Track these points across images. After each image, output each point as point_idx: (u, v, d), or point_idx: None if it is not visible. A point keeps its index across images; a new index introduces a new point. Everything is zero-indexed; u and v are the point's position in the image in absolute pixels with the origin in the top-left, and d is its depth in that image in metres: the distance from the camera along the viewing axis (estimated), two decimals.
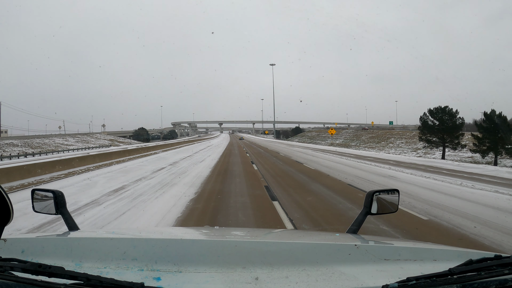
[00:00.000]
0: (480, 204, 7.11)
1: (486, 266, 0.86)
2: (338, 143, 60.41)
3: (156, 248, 1.07)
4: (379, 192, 1.58)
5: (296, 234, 2.34)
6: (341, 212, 6.59)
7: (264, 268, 0.99)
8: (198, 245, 1.14)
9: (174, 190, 9.21)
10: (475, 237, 4.82)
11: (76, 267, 1.00)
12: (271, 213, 6.48)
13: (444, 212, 6.41)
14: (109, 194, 8.63)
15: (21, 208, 5.85)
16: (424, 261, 1.06)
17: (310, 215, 6.31)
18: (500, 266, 0.86)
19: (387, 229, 5.19)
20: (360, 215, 1.60)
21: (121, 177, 12.07)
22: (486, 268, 0.86)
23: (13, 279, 0.81)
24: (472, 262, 0.89)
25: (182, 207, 6.99)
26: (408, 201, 7.34)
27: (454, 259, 1.02)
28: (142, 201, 7.68)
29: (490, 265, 0.86)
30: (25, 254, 1.06)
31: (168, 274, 0.97)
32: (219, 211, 6.70)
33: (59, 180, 11.67)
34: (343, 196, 8.26)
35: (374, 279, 0.94)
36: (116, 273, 0.97)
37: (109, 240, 1.19)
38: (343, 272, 0.99)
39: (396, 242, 1.56)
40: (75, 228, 1.57)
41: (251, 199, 7.99)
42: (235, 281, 0.93)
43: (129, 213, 6.41)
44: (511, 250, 4.28)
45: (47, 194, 1.60)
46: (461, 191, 8.93)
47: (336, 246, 1.15)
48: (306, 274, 0.97)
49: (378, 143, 58.75)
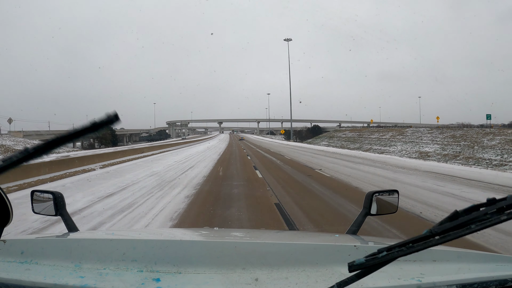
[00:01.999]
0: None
1: (476, 216, 0.65)
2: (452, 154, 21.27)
3: (155, 249, 1.07)
4: (378, 193, 1.58)
5: (295, 235, 2.34)
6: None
7: (263, 269, 0.99)
8: (197, 246, 1.14)
9: None
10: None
11: (76, 268, 1.00)
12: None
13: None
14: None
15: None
16: (423, 261, 1.06)
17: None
18: (496, 213, 0.65)
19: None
20: (359, 216, 1.60)
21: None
22: (476, 219, 0.65)
23: None
24: (458, 214, 0.68)
25: None
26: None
27: (454, 260, 1.02)
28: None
29: (482, 214, 0.66)
30: (24, 255, 1.05)
31: (167, 275, 0.97)
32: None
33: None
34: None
35: (374, 280, 0.93)
36: (115, 274, 0.97)
37: (109, 241, 1.19)
38: (343, 273, 0.98)
39: (395, 243, 1.56)
40: (74, 229, 1.57)
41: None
42: (234, 282, 0.93)
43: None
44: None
45: (46, 195, 1.60)
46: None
47: (336, 247, 1.15)
48: (306, 275, 0.97)
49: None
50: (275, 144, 51.38)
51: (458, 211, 0.68)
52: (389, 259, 0.69)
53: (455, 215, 0.68)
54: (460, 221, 0.66)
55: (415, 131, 35.50)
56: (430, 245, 0.67)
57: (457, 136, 25.87)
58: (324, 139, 59.43)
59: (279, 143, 54.94)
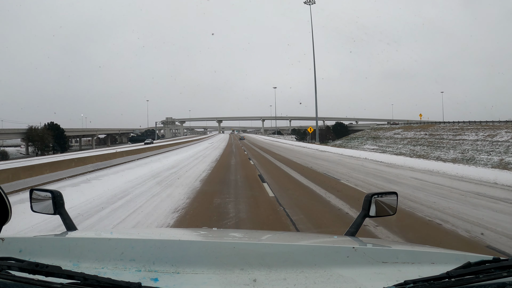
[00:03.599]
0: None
1: (484, 269, 0.86)
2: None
3: (154, 249, 1.07)
4: (377, 195, 1.58)
5: (294, 236, 2.34)
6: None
7: (262, 270, 0.99)
8: (196, 246, 1.14)
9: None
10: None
11: (74, 267, 1.00)
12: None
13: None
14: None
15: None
16: (422, 264, 1.06)
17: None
18: (499, 269, 0.86)
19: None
20: (358, 217, 1.60)
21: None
22: (484, 271, 0.85)
23: (10, 278, 0.80)
24: (470, 265, 0.88)
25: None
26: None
27: (452, 262, 1.02)
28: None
29: (488, 268, 0.86)
30: (22, 254, 1.05)
31: (165, 275, 0.97)
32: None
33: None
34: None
35: (372, 282, 0.94)
36: (113, 273, 0.96)
37: (107, 240, 1.19)
38: (341, 274, 0.99)
39: (394, 245, 1.56)
40: (73, 228, 1.57)
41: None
42: (233, 282, 0.93)
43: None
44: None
45: (45, 194, 1.59)
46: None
47: (334, 249, 1.15)
48: (304, 277, 0.97)
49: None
50: (300, 150, 30.86)
51: (470, 262, 0.89)
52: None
53: (468, 264, 0.88)
54: (472, 270, 0.85)
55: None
56: (448, 285, 0.82)
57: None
58: (362, 141, 41.06)
59: (302, 148, 33.35)
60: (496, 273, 0.84)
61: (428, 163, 15.98)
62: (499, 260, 0.90)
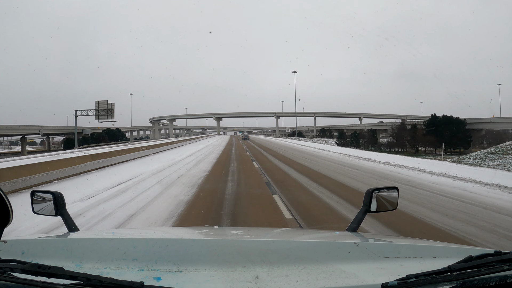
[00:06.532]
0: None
1: (486, 263, 0.86)
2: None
3: (156, 248, 1.07)
4: (378, 190, 1.58)
5: (295, 232, 2.34)
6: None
7: (264, 267, 0.99)
8: (198, 245, 1.14)
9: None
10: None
11: (76, 268, 1.00)
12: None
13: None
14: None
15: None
16: (423, 258, 1.06)
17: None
18: (500, 262, 0.86)
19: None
20: (359, 213, 1.60)
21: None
22: (486, 264, 0.85)
23: (12, 280, 0.81)
24: (471, 258, 0.89)
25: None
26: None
27: (454, 256, 1.02)
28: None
29: (490, 261, 0.86)
30: (25, 256, 1.05)
31: (168, 274, 0.97)
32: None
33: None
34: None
35: (374, 277, 0.94)
36: (116, 273, 0.97)
37: (109, 240, 1.19)
38: (343, 270, 0.99)
39: (395, 239, 1.56)
40: (75, 229, 1.57)
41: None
42: (235, 280, 0.93)
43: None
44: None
45: (46, 195, 1.59)
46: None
47: (336, 244, 1.16)
48: (306, 273, 0.97)
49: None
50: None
51: (472, 256, 0.89)
52: (417, 285, 0.83)
53: (469, 258, 0.88)
54: (473, 263, 0.85)
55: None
56: (450, 279, 0.82)
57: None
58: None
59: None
60: (497, 267, 0.84)
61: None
62: (500, 253, 0.91)
